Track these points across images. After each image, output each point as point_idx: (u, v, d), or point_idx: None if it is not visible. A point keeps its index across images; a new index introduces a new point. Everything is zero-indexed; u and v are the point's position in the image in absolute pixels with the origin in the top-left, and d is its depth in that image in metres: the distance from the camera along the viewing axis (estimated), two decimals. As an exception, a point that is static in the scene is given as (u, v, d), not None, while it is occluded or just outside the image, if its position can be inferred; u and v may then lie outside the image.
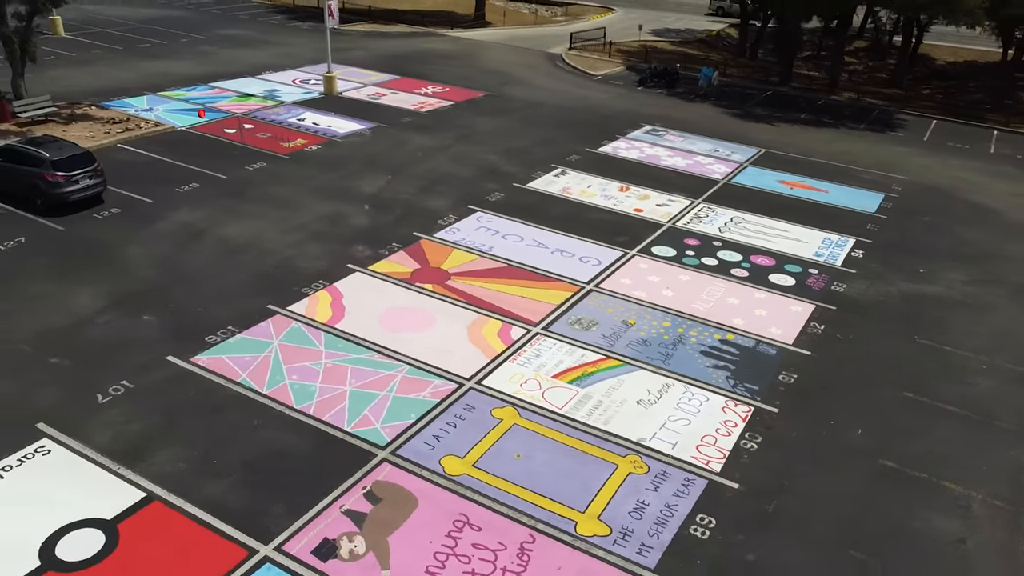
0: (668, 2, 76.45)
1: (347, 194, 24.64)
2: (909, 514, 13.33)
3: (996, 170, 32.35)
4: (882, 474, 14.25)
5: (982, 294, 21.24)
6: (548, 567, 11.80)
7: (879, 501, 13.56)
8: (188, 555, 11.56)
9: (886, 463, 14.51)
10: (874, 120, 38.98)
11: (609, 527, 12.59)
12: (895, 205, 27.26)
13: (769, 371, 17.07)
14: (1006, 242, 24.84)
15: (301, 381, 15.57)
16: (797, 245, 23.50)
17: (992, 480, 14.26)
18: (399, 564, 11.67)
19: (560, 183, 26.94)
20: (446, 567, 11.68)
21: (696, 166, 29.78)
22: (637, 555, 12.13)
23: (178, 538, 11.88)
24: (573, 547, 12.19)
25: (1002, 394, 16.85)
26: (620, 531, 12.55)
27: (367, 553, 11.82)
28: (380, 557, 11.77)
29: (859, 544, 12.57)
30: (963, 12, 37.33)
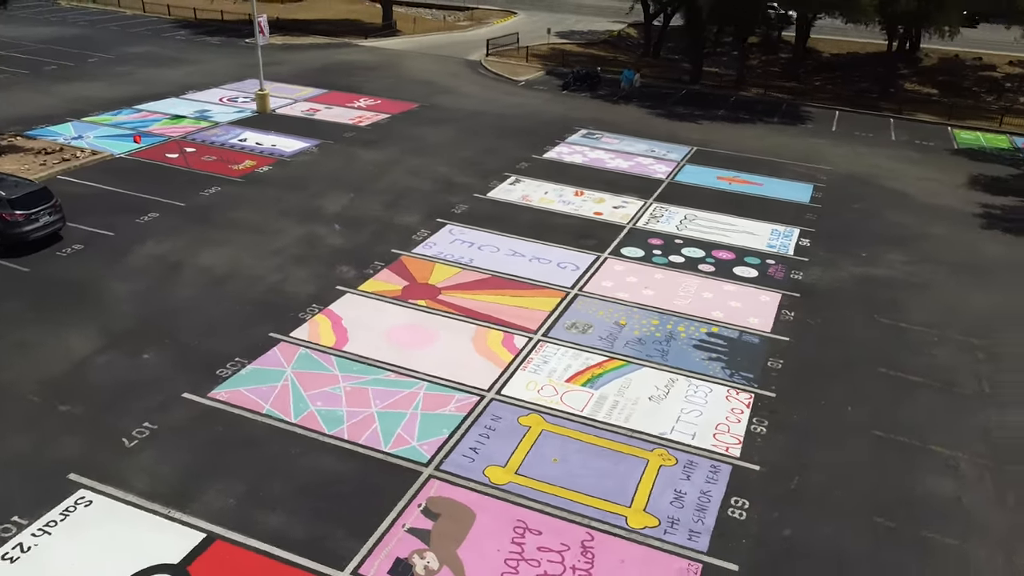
0: (567, 4, 78.21)
1: (315, 215, 24.58)
2: (911, 479, 14.79)
3: (902, 156, 35.21)
4: (878, 444, 15.70)
5: (921, 273, 23.34)
6: (612, 561, 12.56)
7: (883, 469, 14.98)
8: (268, 589, 11.70)
9: (878, 434, 15.99)
10: (785, 114, 41.55)
11: (657, 518, 13.46)
12: (825, 194, 29.37)
13: (758, 359, 18.37)
14: (928, 224, 27.24)
15: (327, 407, 15.72)
16: (750, 238, 25.08)
17: (970, 441, 15.95)
18: (475, 574, 12.16)
19: (518, 191, 27.68)
20: (519, 572, 12.26)
21: (638, 167, 31.13)
22: (688, 541, 13.05)
23: (251, 573, 11.97)
24: (629, 540, 12.99)
25: (958, 363, 18.73)
26: (668, 520, 13.44)
27: (441, 567, 12.25)
28: (455, 570, 12.22)
29: (880, 510, 13.91)
30: (860, 10, 40.24)
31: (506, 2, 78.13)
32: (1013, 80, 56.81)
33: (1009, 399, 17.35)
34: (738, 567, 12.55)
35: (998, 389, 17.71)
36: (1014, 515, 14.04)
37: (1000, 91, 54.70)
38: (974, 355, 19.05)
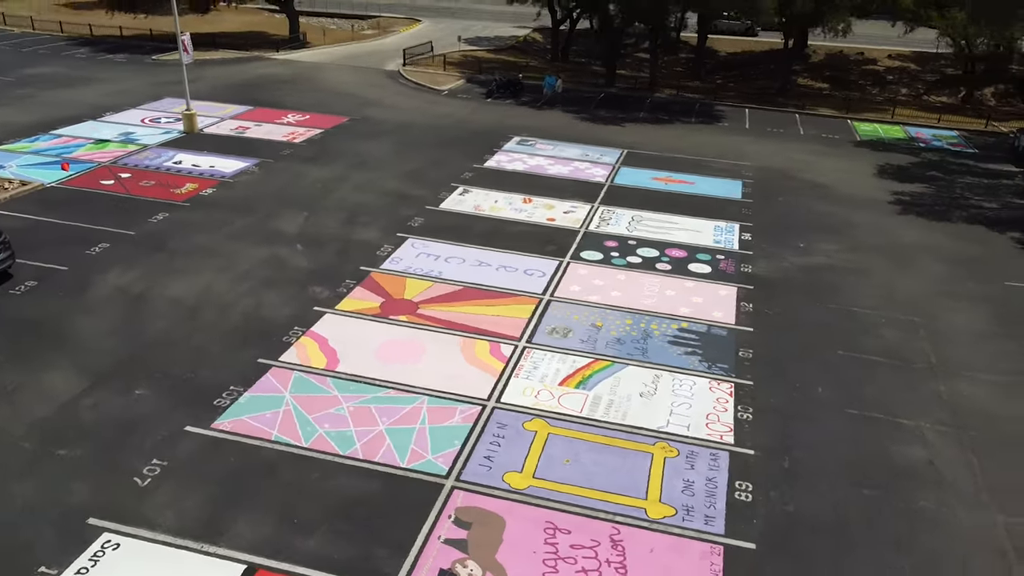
0: (469, 11, 79.06)
1: (272, 236, 24.35)
2: (886, 449, 16.22)
3: (813, 149, 37.64)
4: (851, 421, 17.10)
5: (854, 259, 25.23)
6: (643, 551, 13.32)
7: (860, 443, 16.35)
8: (322, 612, 11.87)
9: (851, 411, 17.40)
10: (700, 113, 43.60)
11: (673, 507, 14.32)
12: (754, 190, 31.17)
13: (729, 350, 19.56)
14: (850, 213, 29.37)
15: (335, 428, 15.85)
16: (695, 235, 26.44)
17: (930, 410, 17.57)
18: None
19: (468, 201, 28.16)
20: (559, 571, 12.85)
21: (577, 171, 32.15)
22: (706, 526, 13.96)
23: (301, 599, 12.12)
24: (653, 530, 13.79)
25: (905, 340, 20.48)
26: (684, 508, 14.31)
27: (485, 574, 12.71)
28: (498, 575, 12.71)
29: (866, 481, 15.22)
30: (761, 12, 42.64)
31: (409, 10, 78.32)
32: (894, 73, 61.17)
33: (954, 370, 19.15)
34: (755, 545, 13.54)
35: (943, 361, 19.51)
36: (979, 473, 15.62)
37: (883, 83, 58.87)
38: (917, 332, 20.87)
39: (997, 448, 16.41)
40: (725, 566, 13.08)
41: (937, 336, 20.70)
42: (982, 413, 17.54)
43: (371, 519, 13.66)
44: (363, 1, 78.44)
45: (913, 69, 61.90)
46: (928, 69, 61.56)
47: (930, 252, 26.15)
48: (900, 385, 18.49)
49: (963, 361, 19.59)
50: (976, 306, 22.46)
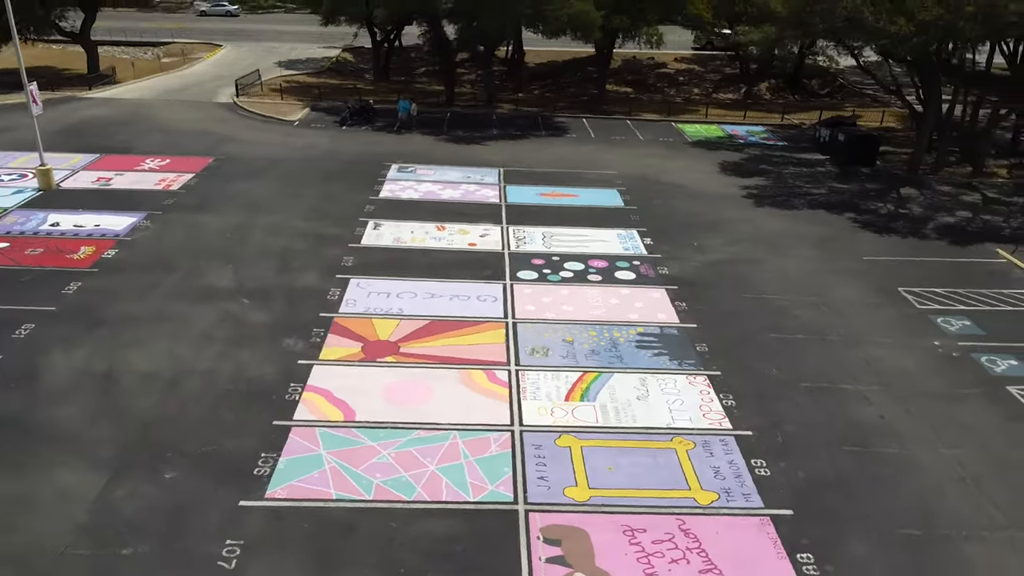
0: (267, 32, 77.04)
1: (210, 293, 23.51)
2: (846, 412, 19.35)
3: (658, 153, 41.60)
4: (808, 394, 20.12)
5: (742, 251, 28.82)
6: (711, 535, 15.23)
7: (826, 411, 19.36)
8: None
9: (804, 385, 20.46)
10: (545, 126, 46.38)
11: (715, 492, 16.39)
12: (631, 196, 34.19)
13: (687, 347, 22.02)
14: (718, 210, 33.21)
15: (388, 476, 16.28)
16: (605, 244, 28.83)
17: (861, 375, 21.07)
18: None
19: (386, 234, 28.62)
20: (655, 565, 14.45)
21: (469, 194, 33.49)
22: (747, 502, 16.16)
23: (448, 641, 12.76)
24: (709, 515, 15.76)
25: (815, 318, 24.06)
26: (723, 491, 16.42)
27: (596, 582, 14.03)
28: (607, 580, 14.09)
29: (845, 441, 18.20)
30: (592, 30, 45.94)
31: (203, 35, 74.80)
32: (683, 74, 68.00)
33: (862, 338, 22.93)
34: (791, 511, 15.95)
35: (850, 331, 23.25)
36: (918, 419, 19.17)
37: (677, 85, 65.30)
38: (819, 309, 24.58)
39: (920, 397, 20.13)
40: (779, 533, 15.34)
41: (836, 310, 24.53)
42: (898, 371, 21.31)
43: (470, 554, 14.45)
44: (149, 28, 73.92)
45: (698, 70, 69.19)
46: (710, 69, 69.08)
47: (795, 238, 30.40)
48: (829, 357, 21.89)
49: (864, 329, 23.46)
50: (853, 280, 26.71)
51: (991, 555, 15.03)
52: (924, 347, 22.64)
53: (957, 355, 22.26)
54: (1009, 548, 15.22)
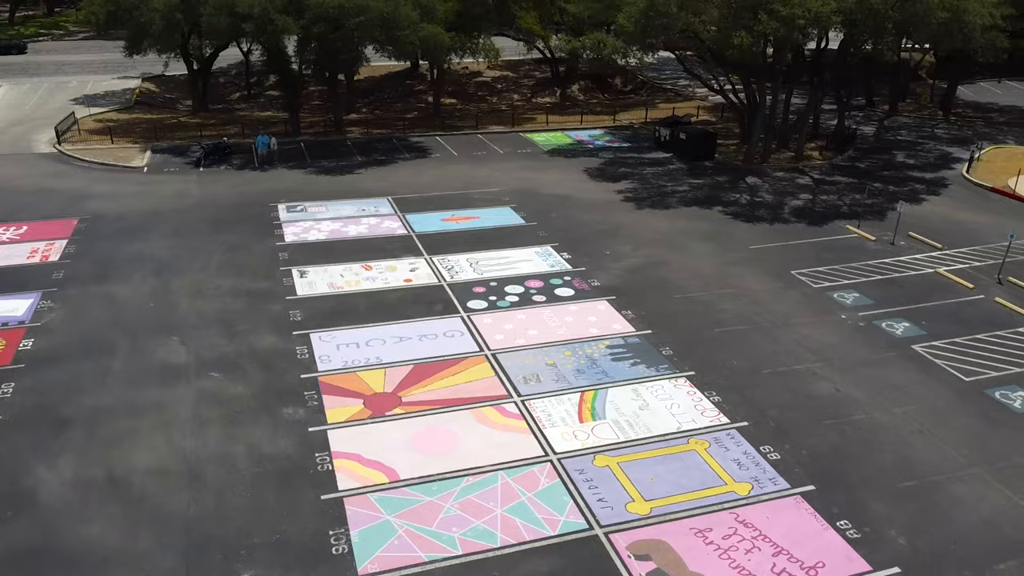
0: (46, 65, 69.87)
1: (171, 372, 22.07)
2: (809, 391, 22.23)
3: (526, 165, 43.47)
4: (773, 378, 22.81)
5: (651, 254, 31.37)
6: (764, 521, 17.21)
7: (793, 392, 22.12)
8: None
9: (765, 372, 23.16)
10: (406, 148, 46.68)
11: (748, 483, 18.44)
12: (528, 213, 35.65)
13: (654, 353, 23.99)
14: (609, 216, 35.65)
15: (465, 528, 16.69)
16: (530, 264, 30.16)
17: (803, 355, 24.14)
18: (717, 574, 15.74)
19: (318, 282, 28.03)
20: (736, 559, 16.18)
21: (375, 228, 33.39)
22: (776, 486, 18.34)
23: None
24: (752, 504, 17.76)
25: (742, 308, 27.01)
26: (753, 481, 18.50)
27: (697, 584, 15.53)
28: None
29: (823, 417, 21.00)
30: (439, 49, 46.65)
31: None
32: (500, 82, 70.59)
33: (782, 321, 26.14)
34: (813, 486, 18.36)
35: (776, 317, 26.39)
36: (863, 386, 22.47)
37: (497, 93, 67.78)
38: (740, 301, 27.57)
39: (855, 366, 23.52)
40: (814, 508, 17.67)
41: (752, 299, 27.66)
42: (827, 346, 24.65)
43: (578, 585, 15.40)
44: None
45: (512, 76, 72.03)
46: (522, 75, 72.21)
47: (686, 235, 33.52)
48: (770, 342, 24.83)
49: (783, 313, 26.74)
50: (751, 270, 30.09)
51: (972, 490, 18.32)
52: (835, 321, 26.28)
53: (863, 325, 26.09)
54: (981, 482, 18.61)
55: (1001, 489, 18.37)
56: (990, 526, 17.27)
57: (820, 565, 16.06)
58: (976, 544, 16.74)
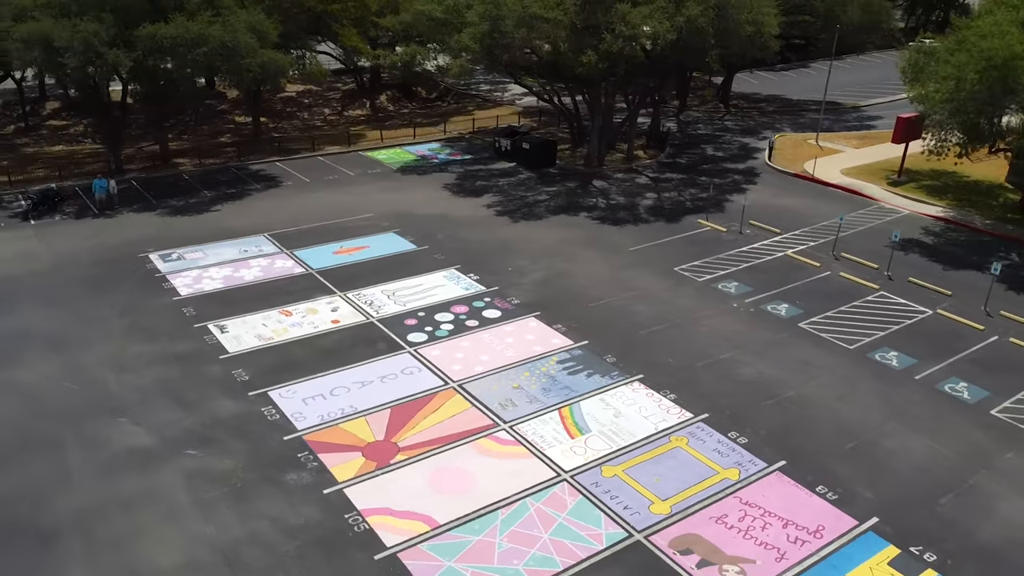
0: None
1: (144, 456, 20.57)
2: (738, 376, 25.38)
3: (386, 186, 43.64)
4: (707, 369, 25.72)
5: (549, 266, 33.33)
6: (762, 498, 19.88)
7: (728, 379, 25.15)
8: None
9: (698, 364, 26.01)
10: (254, 178, 44.81)
11: (735, 468, 21.05)
12: (415, 236, 36.11)
13: (600, 361, 26.03)
14: (493, 232, 37.13)
15: (524, 558, 17.72)
16: (444, 289, 30.95)
17: (718, 344, 27.33)
18: (752, 556, 18.12)
19: (244, 336, 26.93)
20: (757, 536, 18.66)
21: (271, 270, 32.32)
22: (755, 466, 21.10)
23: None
24: (746, 485, 20.38)
25: (648, 309, 29.77)
26: (737, 466, 21.15)
27: (738, 564, 17.79)
28: (744, 560, 17.93)
29: (764, 397, 24.19)
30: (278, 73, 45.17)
31: None
32: (306, 96, 69.17)
33: (693, 315, 29.33)
34: (784, 461, 21.38)
35: (683, 312, 29.49)
36: (779, 367, 26.08)
37: (307, 108, 66.55)
38: (647, 301, 30.42)
39: (765, 348, 27.14)
40: (795, 480, 20.64)
41: (656, 299, 30.61)
42: (735, 333, 28.13)
43: (647, 588, 17.10)
44: None
45: (316, 90, 70.81)
46: (325, 88, 71.19)
47: (570, 244, 35.89)
48: (690, 336, 27.82)
49: (687, 307, 29.91)
50: (641, 271, 33.09)
51: (899, 443, 22.31)
52: (731, 311, 29.93)
53: (754, 311, 29.95)
54: (902, 435, 22.69)
55: (919, 438, 22.55)
56: (923, 470, 21.26)
57: (821, 528, 19.02)
58: (919, 487, 20.60)
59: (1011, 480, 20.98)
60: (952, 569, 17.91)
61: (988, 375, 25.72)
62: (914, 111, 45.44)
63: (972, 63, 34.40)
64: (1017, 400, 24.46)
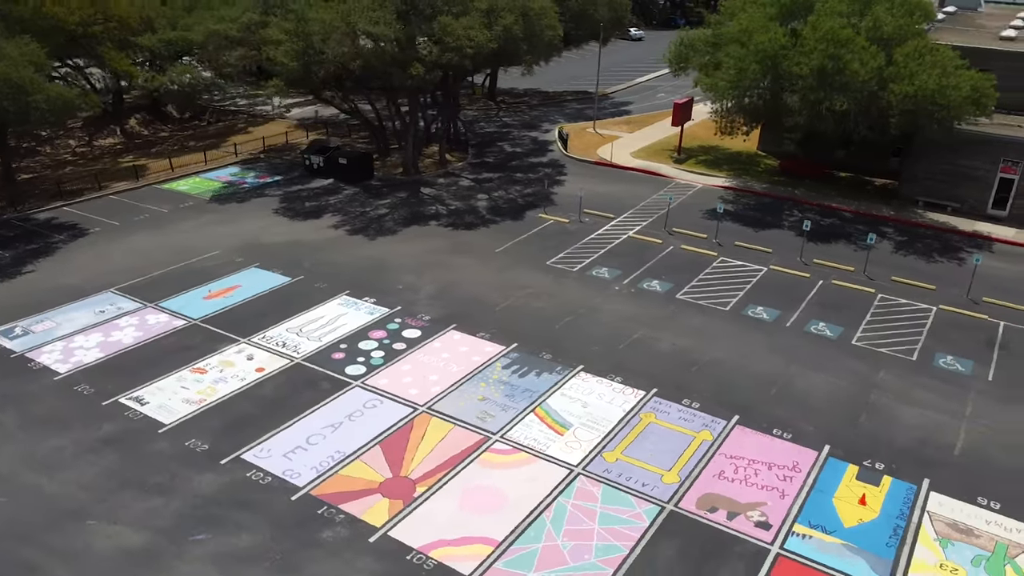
0: None
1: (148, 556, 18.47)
2: (659, 350, 28.43)
3: (210, 220, 40.72)
4: (632, 349, 28.43)
5: (438, 278, 33.94)
6: (740, 450, 22.98)
7: (654, 356, 28.09)
8: None
9: (620, 347, 28.63)
10: (51, 228, 39.38)
11: (706, 430, 23.94)
12: (283, 269, 34.61)
13: (538, 359, 27.55)
14: (357, 250, 36.67)
15: (591, 552, 19.08)
16: (348, 316, 30.40)
17: (627, 324, 30.22)
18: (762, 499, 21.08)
19: (170, 403, 24.62)
20: (754, 482, 21.68)
21: (149, 329, 29.30)
22: (719, 425, 24.19)
23: None
24: (722, 443, 23.37)
25: (549, 304, 31.86)
26: (705, 428, 24.07)
27: (757, 507, 20.66)
28: (758, 506, 20.84)
29: (690, 364, 27.41)
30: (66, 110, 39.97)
31: None
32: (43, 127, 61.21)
33: (586, 303, 31.89)
34: (737, 415, 24.71)
35: (578, 302, 31.93)
36: (683, 337, 29.55)
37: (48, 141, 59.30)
38: (543, 297, 32.42)
39: (666, 322, 30.51)
40: (755, 429, 24.04)
41: (548, 293, 32.72)
42: (634, 315, 31.18)
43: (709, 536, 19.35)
44: None
45: (50, 119, 62.95)
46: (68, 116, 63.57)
47: (441, 254, 36.66)
48: (599, 322, 30.36)
49: (578, 298, 32.41)
50: (520, 269, 34.94)
51: (806, 381, 26.69)
52: (616, 293, 33.00)
53: (634, 291, 33.28)
54: (802, 375, 27.13)
55: (816, 374, 27.16)
56: (834, 399, 25.80)
57: (796, 463, 22.59)
58: (840, 413, 25.05)
59: (894, 393, 26.23)
60: (898, 472, 22.36)
61: (833, 313, 31.36)
62: (683, 97, 52.18)
63: (751, 56, 40.59)
64: (863, 330, 30.22)
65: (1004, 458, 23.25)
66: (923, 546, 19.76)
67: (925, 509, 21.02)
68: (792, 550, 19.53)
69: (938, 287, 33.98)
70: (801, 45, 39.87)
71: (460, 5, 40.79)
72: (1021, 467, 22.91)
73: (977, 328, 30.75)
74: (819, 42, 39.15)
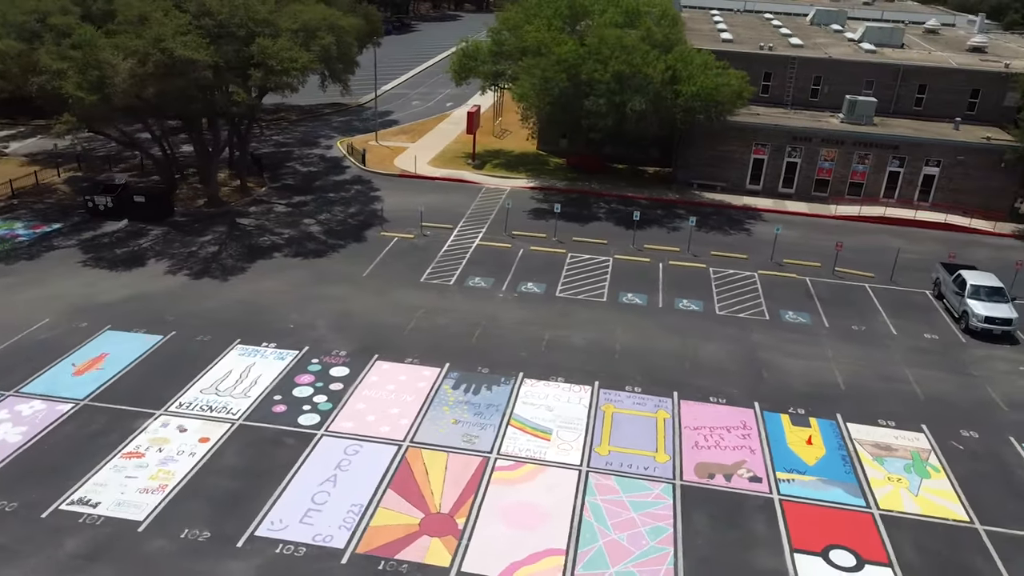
0: None
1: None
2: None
3: (20, 281, 34.82)
4: (550, 350, 30.30)
5: (325, 309, 32.76)
6: (698, 420, 26.13)
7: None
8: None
9: (542, 349, 30.40)
10: None
11: (662, 410, 26.70)
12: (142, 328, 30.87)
13: (479, 375, 28.31)
14: (222, 294, 33.87)
15: (644, 538, 20.88)
16: (259, 366, 28.36)
17: (530, 330, 32.00)
18: (740, 458, 24.36)
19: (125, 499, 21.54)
20: (726, 444, 24.92)
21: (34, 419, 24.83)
22: (671, 402, 27.14)
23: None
24: (690, 414, 26.32)
25: (454, 318, 32.56)
26: (660, 408, 26.85)
27: (741, 468, 23.89)
28: (742, 466, 24.08)
29: (607, 354, 30.02)
30: None
31: None
32: None
33: (487, 318, 33.14)
34: (676, 392, 27.86)
35: (515, 313, 33.04)
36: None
37: None
38: (447, 315, 32.96)
39: (561, 319, 32.80)
40: (697, 400, 27.33)
41: (450, 309, 33.35)
42: (528, 317, 33.01)
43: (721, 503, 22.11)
44: None
45: None
46: None
47: (312, 285, 35.12)
48: (505, 332, 31.76)
49: (475, 308, 33.47)
50: (403, 290, 34.90)
51: (708, 352, 30.71)
52: (503, 300, 34.63)
53: (517, 295, 35.13)
54: (700, 343, 31.12)
55: (709, 343, 31.37)
56: (734, 361, 30.16)
57: (744, 422, 26.34)
58: (747, 373, 29.41)
59: (773, 348, 31.28)
60: (814, 413, 27.05)
61: (689, 291, 36.06)
62: (473, 106, 54.68)
63: (552, 66, 44.09)
64: (718, 301, 35.22)
65: (875, 384, 29.11)
66: (868, 467, 24.44)
67: (852, 438, 25.83)
68: (788, 493, 23.07)
69: (749, 255, 40.35)
70: (598, 53, 44.21)
71: (271, 27, 38.99)
72: (889, 388, 28.89)
73: (792, 285, 37.31)
74: (613, 50, 43.78)
